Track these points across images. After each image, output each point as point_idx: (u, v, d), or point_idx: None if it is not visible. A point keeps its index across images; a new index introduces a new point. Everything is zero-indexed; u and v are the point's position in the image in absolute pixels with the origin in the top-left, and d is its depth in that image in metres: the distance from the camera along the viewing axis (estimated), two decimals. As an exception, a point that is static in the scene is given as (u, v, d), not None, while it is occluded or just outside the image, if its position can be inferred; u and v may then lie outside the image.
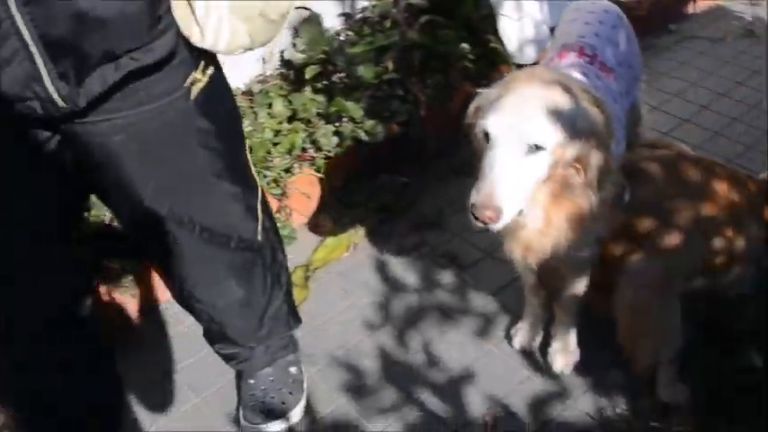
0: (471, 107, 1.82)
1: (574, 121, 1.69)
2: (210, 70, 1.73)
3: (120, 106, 1.62)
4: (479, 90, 1.83)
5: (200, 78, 1.69)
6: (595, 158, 1.73)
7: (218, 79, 1.79)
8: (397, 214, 2.89)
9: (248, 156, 1.98)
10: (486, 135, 1.68)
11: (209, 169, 1.83)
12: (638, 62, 2.42)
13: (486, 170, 1.66)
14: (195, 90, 1.69)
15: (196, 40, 1.62)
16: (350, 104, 2.94)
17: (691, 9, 4.19)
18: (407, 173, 2.99)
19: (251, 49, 1.70)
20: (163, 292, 2.59)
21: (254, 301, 2.09)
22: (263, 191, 2.05)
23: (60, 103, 1.50)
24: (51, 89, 1.47)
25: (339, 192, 2.95)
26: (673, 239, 2.05)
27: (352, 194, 2.95)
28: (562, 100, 1.68)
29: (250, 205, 1.97)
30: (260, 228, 2.01)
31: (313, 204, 2.90)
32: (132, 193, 1.77)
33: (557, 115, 1.66)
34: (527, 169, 1.67)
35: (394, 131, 3.00)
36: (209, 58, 1.71)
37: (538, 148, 1.65)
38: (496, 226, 1.65)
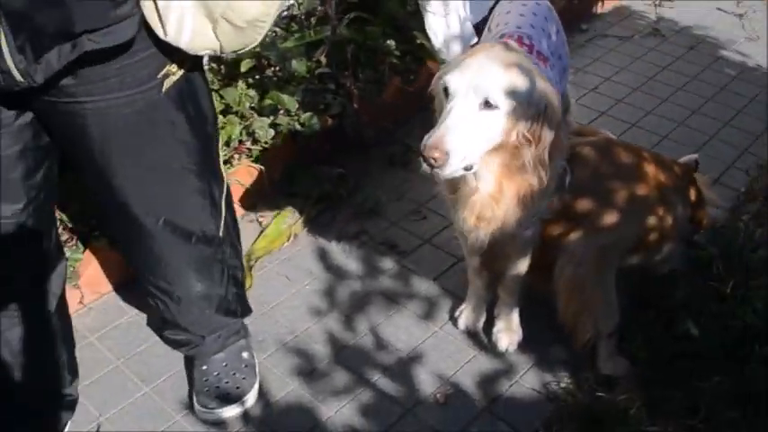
0: (436, 77, 1.92)
1: (530, 95, 1.79)
2: (187, 65, 1.74)
3: (90, 90, 1.64)
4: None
5: (174, 72, 1.72)
6: (548, 136, 1.83)
7: (195, 75, 1.81)
8: (336, 204, 2.94)
9: (219, 151, 2.01)
10: (446, 90, 1.78)
11: (176, 162, 1.85)
12: (567, 53, 2.54)
13: (442, 119, 1.75)
14: (168, 83, 1.72)
15: (159, 33, 1.64)
16: (285, 97, 2.97)
17: (599, 9, 4.40)
18: (344, 164, 3.04)
19: (223, 53, 1.73)
20: (106, 284, 2.57)
21: (212, 295, 2.11)
22: (228, 186, 2.07)
23: (18, 76, 1.50)
24: (10, 62, 1.48)
25: (278, 183, 2.97)
26: (610, 218, 2.17)
27: (291, 185, 2.97)
28: (520, 77, 1.78)
29: (215, 201, 1.99)
30: (222, 223, 2.04)
31: (252, 195, 2.92)
32: (99, 176, 1.80)
33: (514, 86, 1.76)
34: (480, 125, 1.76)
35: (328, 124, 3.05)
36: (188, 53, 1.72)
37: (492, 106, 1.75)
38: (443, 170, 1.72)
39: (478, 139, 1.78)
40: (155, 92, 1.71)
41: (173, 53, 1.69)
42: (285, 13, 3.52)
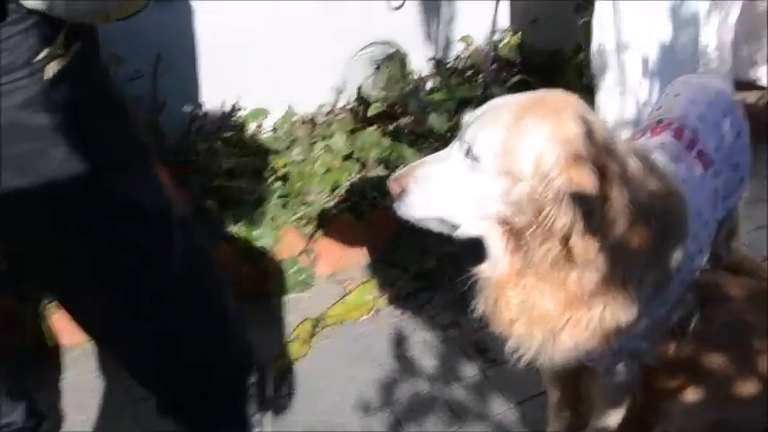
0: None
1: (536, 161, 1.35)
2: (76, 45, 1.36)
3: None
4: None
5: (59, 53, 1.34)
6: (558, 219, 1.33)
7: (88, 56, 1.42)
8: (435, 286, 2.52)
9: (157, 165, 1.63)
10: None
11: (70, 170, 1.43)
12: (746, 164, 1.98)
13: None
14: (51, 68, 1.33)
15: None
16: (409, 151, 2.62)
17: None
18: (459, 244, 2.61)
19: (106, 20, 1.35)
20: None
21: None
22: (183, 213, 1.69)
23: None
24: None
25: (378, 247, 2.60)
26: (743, 387, 1.62)
27: (392, 253, 2.59)
28: (529, 134, 1.36)
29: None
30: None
31: (345, 254, 2.57)
32: None
33: (511, 141, 1.37)
34: (460, 177, 1.43)
35: (454, 194, 2.65)
36: (77, 30, 1.36)
37: (474, 157, 1.40)
38: (398, 208, 1.49)
39: (455, 193, 1.44)
40: (35, 78, 1.32)
41: (56, 29, 1.32)
42: (450, 63, 3.21)
